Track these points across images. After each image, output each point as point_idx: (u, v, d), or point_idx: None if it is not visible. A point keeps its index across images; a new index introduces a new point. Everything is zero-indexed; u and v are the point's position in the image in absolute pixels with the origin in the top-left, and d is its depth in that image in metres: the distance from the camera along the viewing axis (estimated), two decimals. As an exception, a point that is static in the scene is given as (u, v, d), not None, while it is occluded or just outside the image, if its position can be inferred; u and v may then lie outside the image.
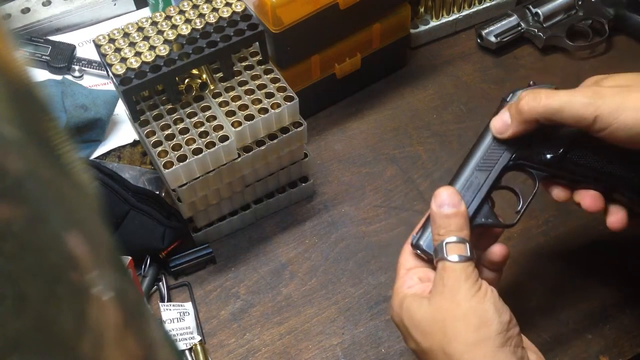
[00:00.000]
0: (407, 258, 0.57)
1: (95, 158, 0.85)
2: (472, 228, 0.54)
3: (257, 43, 0.72)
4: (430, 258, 0.55)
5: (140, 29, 0.69)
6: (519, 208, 0.59)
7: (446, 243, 0.52)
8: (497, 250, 0.57)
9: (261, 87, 0.71)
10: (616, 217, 0.58)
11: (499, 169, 0.57)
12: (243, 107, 0.69)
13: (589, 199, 0.57)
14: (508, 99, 0.57)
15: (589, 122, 0.51)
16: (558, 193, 0.59)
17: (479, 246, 0.57)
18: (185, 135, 0.68)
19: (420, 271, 0.56)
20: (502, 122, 0.56)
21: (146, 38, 0.68)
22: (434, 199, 0.55)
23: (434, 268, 0.54)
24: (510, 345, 0.49)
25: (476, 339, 0.48)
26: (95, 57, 0.92)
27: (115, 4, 1.01)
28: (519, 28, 0.95)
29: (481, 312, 0.49)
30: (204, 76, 0.71)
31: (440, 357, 0.50)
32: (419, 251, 0.56)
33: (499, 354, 0.48)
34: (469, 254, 0.52)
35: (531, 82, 0.58)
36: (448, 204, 0.54)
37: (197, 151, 0.66)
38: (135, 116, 0.69)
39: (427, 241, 0.55)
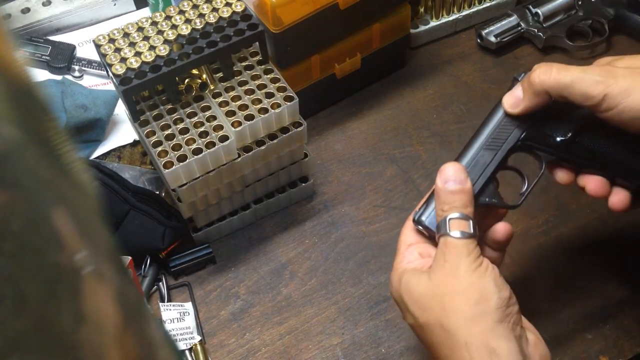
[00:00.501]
0: (408, 234, 0.56)
1: (95, 158, 0.85)
2: (476, 207, 0.54)
3: (257, 43, 0.72)
4: (432, 235, 0.54)
5: (140, 29, 0.69)
6: (523, 189, 0.58)
7: (449, 219, 0.52)
8: (500, 229, 0.56)
9: (261, 87, 0.71)
10: (618, 197, 0.57)
11: (506, 149, 0.56)
12: (243, 107, 0.69)
13: (593, 183, 0.57)
14: (520, 78, 0.57)
15: (598, 100, 0.51)
16: (562, 176, 0.59)
17: (481, 226, 0.56)
18: (185, 135, 0.68)
19: (421, 247, 0.55)
20: (514, 97, 0.56)
21: (146, 38, 0.68)
22: (440, 175, 0.54)
23: (436, 245, 0.53)
24: (509, 322, 0.48)
25: (474, 314, 0.48)
26: (95, 57, 0.92)
27: (115, 4, 1.01)
28: (519, 28, 0.95)
29: (481, 286, 0.49)
30: (204, 76, 0.71)
31: (438, 331, 0.49)
32: (420, 227, 0.55)
33: (497, 328, 0.47)
34: (472, 230, 0.51)
35: (523, 74, 0.58)
36: (454, 180, 0.53)
37: (197, 151, 0.66)
38: (135, 116, 0.69)
39: (429, 217, 0.54)
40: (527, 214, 0.78)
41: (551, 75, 0.52)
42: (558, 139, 0.57)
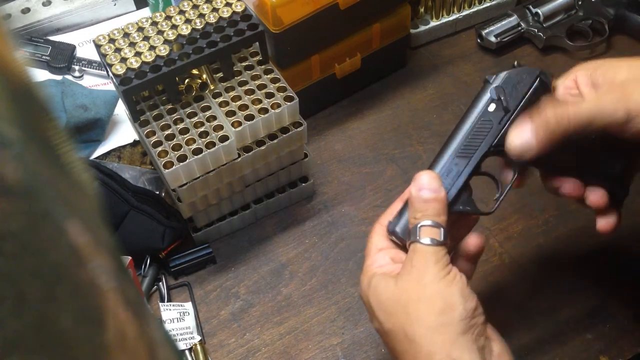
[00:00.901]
0: (379, 239, 0.55)
1: (95, 158, 0.85)
2: (450, 214, 0.53)
3: (257, 43, 0.72)
4: (404, 243, 0.54)
5: (140, 29, 0.69)
6: (497, 195, 0.58)
7: (420, 226, 0.51)
8: (472, 242, 0.55)
9: (261, 87, 0.71)
10: (596, 195, 0.56)
11: (479, 156, 0.55)
12: (243, 107, 0.69)
13: (568, 185, 0.56)
14: (491, 80, 0.56)
15: (621, 122, 0.49)
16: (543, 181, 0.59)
17: (455, 236, 0.56)
18: (185, 135, 0.68)
19: (393, 252, 0.54)
20: (524, 142, 0.52)
21: (146, 38, 0.68)
22: (414, 182, 0.53)
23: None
24: (473, 333, 0.48)
25: (438, 323, 0.47)
26: (95, 57, 0.92)
27: (115, 4, 1.01)
28: (519, 28, 0.95)
29: (447, 295, 0.48)
30: (204, 76, 0.71)
31: (401, 338, 0.48)
32: (394, 238, 0.55)
33: (460, 340, 0.47)
34: (442, 238, 0.51)
35: (515, 63, 0.57)
36: (428, 188, 0.52)
37: (197, 151, 0.66)
38: (135, 116, 0.69)
39: (403, 227, 0.54)
40: (527, 214, 0.78)
41: (569, 116, 0.50)
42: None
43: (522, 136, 0.53)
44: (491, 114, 0.56)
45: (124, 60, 0.67)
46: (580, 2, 0.95)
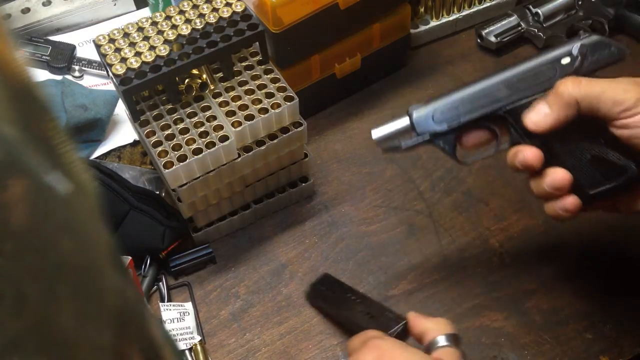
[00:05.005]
0: None
1: (95, 158, 0.85)
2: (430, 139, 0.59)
3: (257, 43, 0.72)
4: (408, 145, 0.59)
5: (140, 29, 0.69)
6: (483, 153, 0.60)
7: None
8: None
9: (261, 87, 0.71)
10: (557, 174, 0.56)
11: (487, 110, 0.57)
12: (243, 107, 0.69)
13: (530, 151, 0.56)
14: (582, 37, 0.57)
15: (629, 104, 0.51)
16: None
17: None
18: (185, 135, 0.68)
19: None
20: (540, 114, 0.55)
21: (146, 38, 0.68)
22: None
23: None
24: None
25: None
26: (95, 57, 0.92)
27: (115, 4, 1.01)
28: (519, 28, 0.95)
29: None
30: (204, 76, 0.71)
31: None
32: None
33: None
34: None
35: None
36: None
37: (197, 151, 0.66)
38: (135, 116, 0.69)
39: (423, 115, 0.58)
40: (527, 214, 0.78)
41: (581, 86, 0.53)
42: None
43: (538, 110, 0.55)
44: (561, 65, 0.56)
45: (124, 60, 0.67)
46: (580, 2, 0.95)
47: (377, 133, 0.62)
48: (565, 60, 0.56)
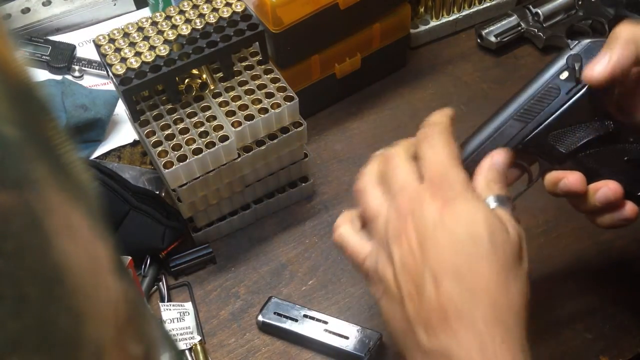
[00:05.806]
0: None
1: (95, 158, 0.85)
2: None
3: (257, 43, 0.72)
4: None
5: (140, 29, 0.69)
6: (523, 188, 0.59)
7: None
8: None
9: (261, 87, 0.71)
10: (608, 188, 0.55)
11: (536, 124, 0.55)
12: (243, 107, 0.69)
13: (572, 177, 0.55)
14: (572, 46, 0.55)
15: None
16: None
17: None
18: (185, 135, 0.68)
19: None
20: (599, 63, 0.52)
21: (146, 38, 0.69)
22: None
23: None
24: None
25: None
26: (95, 57, 0.91)
27: (115, 4, 1.01)
28: (519, 28, 0.95)
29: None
30: (204, 76, 0.71)
31: None
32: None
33: None
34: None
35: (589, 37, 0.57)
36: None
37: (197, 151, 0.66)
38: (135, 116, 0.69)
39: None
40: (527, 214, 0.78)
41: (637, 26, 0.51)
42: (562, 150, 0.55)
43: (597, 60, 0.52)
44: (561, 81, 0.54)
45: (124, 60, 0.67)
46: (580, 2, 0.95)
47: None
48: (564, 75, 0.55)
